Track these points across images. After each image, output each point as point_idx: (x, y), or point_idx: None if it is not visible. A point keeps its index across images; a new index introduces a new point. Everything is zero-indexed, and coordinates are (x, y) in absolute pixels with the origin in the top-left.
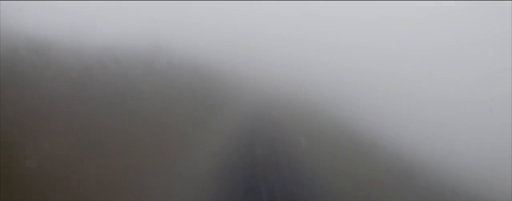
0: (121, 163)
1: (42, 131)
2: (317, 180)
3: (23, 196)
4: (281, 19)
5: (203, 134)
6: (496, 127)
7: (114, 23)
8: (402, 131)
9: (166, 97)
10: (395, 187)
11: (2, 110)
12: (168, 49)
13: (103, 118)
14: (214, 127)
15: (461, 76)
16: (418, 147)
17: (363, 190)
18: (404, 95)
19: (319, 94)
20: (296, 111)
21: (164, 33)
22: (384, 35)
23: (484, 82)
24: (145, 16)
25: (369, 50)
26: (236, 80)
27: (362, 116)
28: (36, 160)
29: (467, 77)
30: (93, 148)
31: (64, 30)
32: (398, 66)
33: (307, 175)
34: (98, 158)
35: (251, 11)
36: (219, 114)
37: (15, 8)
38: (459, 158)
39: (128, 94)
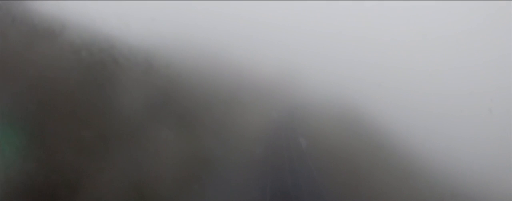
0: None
1: (42, 130)
2: (317, 180)
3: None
4: (282, 23)
5: (201, 134)
6: (496, 127)
7: (114, 23)
8: (402, 132)
9: (166, 96)
10: (395, 187)
11: (2, 109)
12: (168, 49)
13: (103, 118)
14: (214, 126)
15: (461, 77)
16: (418, 148)
17: (363, 190)
18: (404, 97)
19: (320, 96)
20: (296, 111)
21: (164, 33)
22: (384, 39)
23: (484, 83)
24: (145, 16)
25: (370, 55)
26: (236, 80)
27: (362, 117)
28: (37, 159)
29: (467, 78)
30: (94, 147)
31: (63, 30)
32: (399, 69)
33: (307, 174)
34: (98, 157)
35: (251, 14)
36: (219, 114)
37: (15, 7)
38: (459, 158)
39: (128, 93)
